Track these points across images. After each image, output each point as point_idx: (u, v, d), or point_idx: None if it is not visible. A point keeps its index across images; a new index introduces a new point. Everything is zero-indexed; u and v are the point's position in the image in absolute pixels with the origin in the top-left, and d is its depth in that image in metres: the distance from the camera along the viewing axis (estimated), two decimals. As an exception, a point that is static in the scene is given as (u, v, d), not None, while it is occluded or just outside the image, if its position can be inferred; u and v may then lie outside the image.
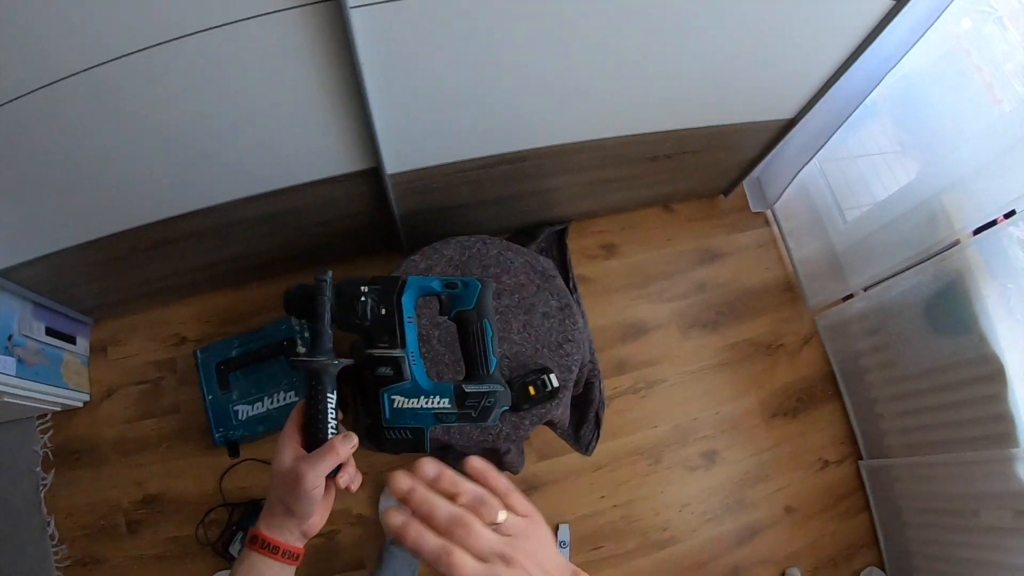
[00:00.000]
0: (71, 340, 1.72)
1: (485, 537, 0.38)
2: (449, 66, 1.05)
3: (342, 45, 0.93)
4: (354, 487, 0.54)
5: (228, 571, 1.58)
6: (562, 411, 1.29)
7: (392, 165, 1.31)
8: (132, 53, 0.86)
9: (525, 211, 1.70)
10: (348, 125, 1.15)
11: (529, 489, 1.65)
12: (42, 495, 1.67)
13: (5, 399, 1.48)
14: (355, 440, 0.54)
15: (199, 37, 0.86)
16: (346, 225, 1.54)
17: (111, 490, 1.67)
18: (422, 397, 0.58)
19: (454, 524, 0.38)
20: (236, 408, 1.55)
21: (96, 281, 1.59)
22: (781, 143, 1.62)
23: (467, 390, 0.59)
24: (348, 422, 0.60)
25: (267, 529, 0.50)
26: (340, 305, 0.58)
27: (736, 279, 1.92)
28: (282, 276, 1.79)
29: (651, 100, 1.32)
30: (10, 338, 1.49)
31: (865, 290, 1.71)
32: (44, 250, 1.32)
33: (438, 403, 0.58)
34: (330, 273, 0.58)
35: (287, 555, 0.50)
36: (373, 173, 1.33)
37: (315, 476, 0.49)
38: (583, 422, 1.61)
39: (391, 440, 0.59)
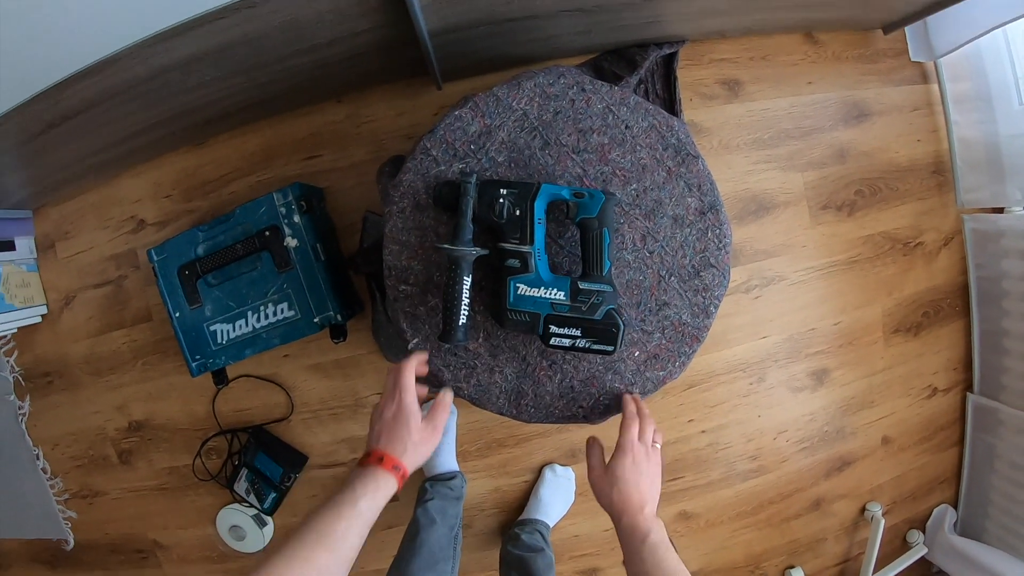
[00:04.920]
0: (7, 246, 1.25)
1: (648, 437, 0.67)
2: None
3: None
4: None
5: (233, 507, 1.28)
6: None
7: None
8: None
9: (622, 27, 1.06)
10: None
11: (604, 416, 1.31)
12: (23, 425, 1.37)
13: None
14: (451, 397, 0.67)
15: None
16: (346, 50, 0.93)
17: (92, 416, 1.34)
18: (542, 287, 0.69)
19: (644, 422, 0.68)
20: (212, 328, 1.09)
21: (15, 171, 1.10)
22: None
23: (581, 286, 0.69)
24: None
25: (393, 452, 0.58)
26: (481, 203, 0.69)
27: (883, 149, 1.35)
28: (258, 123, 1.21)
29: None
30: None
31: (1024, 209, 1.26)
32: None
33: (555, 294, 0.69)
34: (475, 176, 0.69)
35: (403, 477, 0.58)
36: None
37: (441, 427, 0.62)
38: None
39: (511, 320, 0.70)
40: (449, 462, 1.23)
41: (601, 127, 0.79)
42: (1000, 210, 1.30)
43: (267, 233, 1.04)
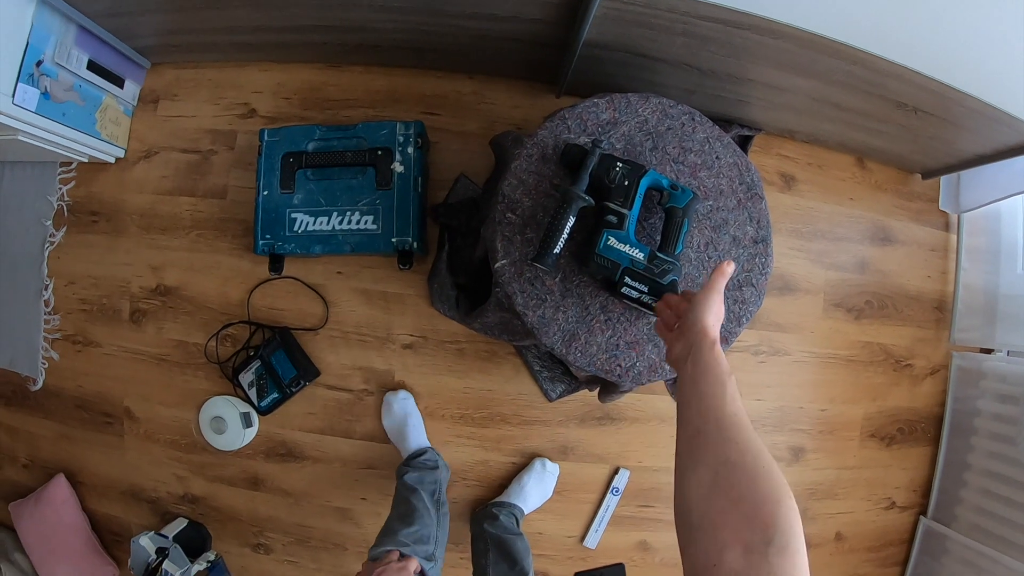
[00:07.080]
0: (118, 82, 1.45)
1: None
2: None
3: None
4: None
5: (226, 398, 1.42)
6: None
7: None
8: None
9: (720, 97, 1.38)
10: None
11: (605, 419, 1.51)
12: (46, 253, 1.51)
13: (19, 137, 1.23)
14: None
15: None
16: (509, 31, 1.21)
17: (122, 267, 1.50)
18: (628, 245, 0.91)
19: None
20: (294, 216, 1.30)
21: (164, 13, 1.31)
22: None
23: (658, 254, 0.92)
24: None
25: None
26: (599, 168, 0.93)
27: (897, 273, 1.67)
28: (397, 70, 1.48)
29: (962, 43, 1.05)
30: (39, 64, 1.21)
31: (1008, 353, 1.58)
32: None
33: (636, 253, 0.91)
34: (604, 143, 0.97)
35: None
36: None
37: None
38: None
39: (595, 264, 0.92)
40: (418, 441, 1.40)
41: (698, 150, 1.07)
42: (988, 351, 1.60)
43: (380, 152, 1.28)
